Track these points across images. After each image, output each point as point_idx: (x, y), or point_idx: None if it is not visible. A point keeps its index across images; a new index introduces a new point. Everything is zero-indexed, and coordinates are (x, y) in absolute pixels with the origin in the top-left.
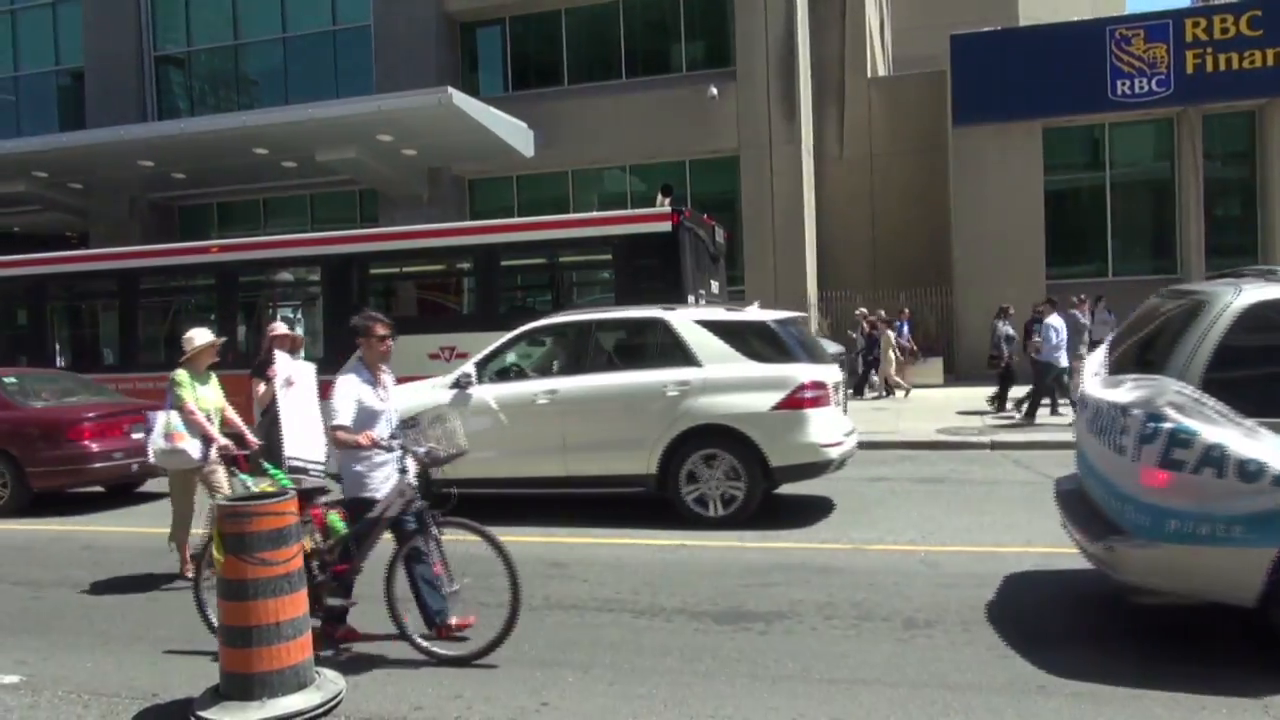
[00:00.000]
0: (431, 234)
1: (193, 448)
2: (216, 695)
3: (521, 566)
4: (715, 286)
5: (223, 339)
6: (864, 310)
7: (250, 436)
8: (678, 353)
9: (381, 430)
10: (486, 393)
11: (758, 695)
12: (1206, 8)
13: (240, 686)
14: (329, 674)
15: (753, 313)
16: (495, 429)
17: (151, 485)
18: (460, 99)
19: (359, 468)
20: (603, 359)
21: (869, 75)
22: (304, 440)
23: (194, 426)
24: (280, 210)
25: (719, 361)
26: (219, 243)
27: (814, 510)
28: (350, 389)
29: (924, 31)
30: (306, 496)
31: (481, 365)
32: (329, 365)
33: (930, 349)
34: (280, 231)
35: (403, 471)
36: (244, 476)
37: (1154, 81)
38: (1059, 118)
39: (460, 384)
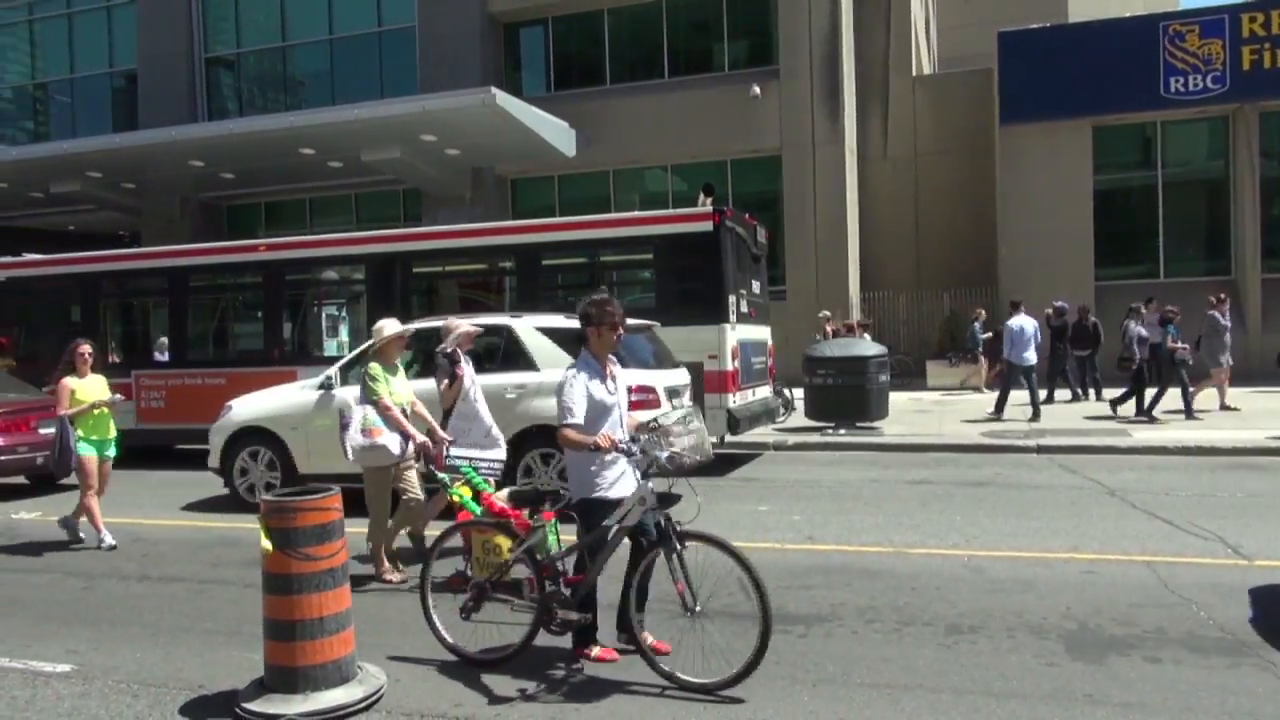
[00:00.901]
0: (474, 233)
1: (392, 443)
2: (261, 688)
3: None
4: (757, 286)
5: (410, 329)
6: (827, 313)
7: (441, 433)
8: (521, 358)
9: (614, 428)
10: (348, 394)
11: (797, 698)
12: (1264, 2)
13: (284, 679)
14: (371, 669)
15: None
16: None
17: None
18: (504, 99)
19: (591, 468)
20: None
21: (914, 74)
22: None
23: (391, 422)
24: (326, 210)
25: (555, 366)
26: (266, 241)
27: (855, 513)
28: (581, 385)
29: (970, 29)
30: (536, 500)
31: (346, 368)
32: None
33: (967, 352)
34: (326, 231)
35: (644, 477)
36: (443, 475)
37: (1209, 78)
38: (1109, 116)
39: (325, 385)
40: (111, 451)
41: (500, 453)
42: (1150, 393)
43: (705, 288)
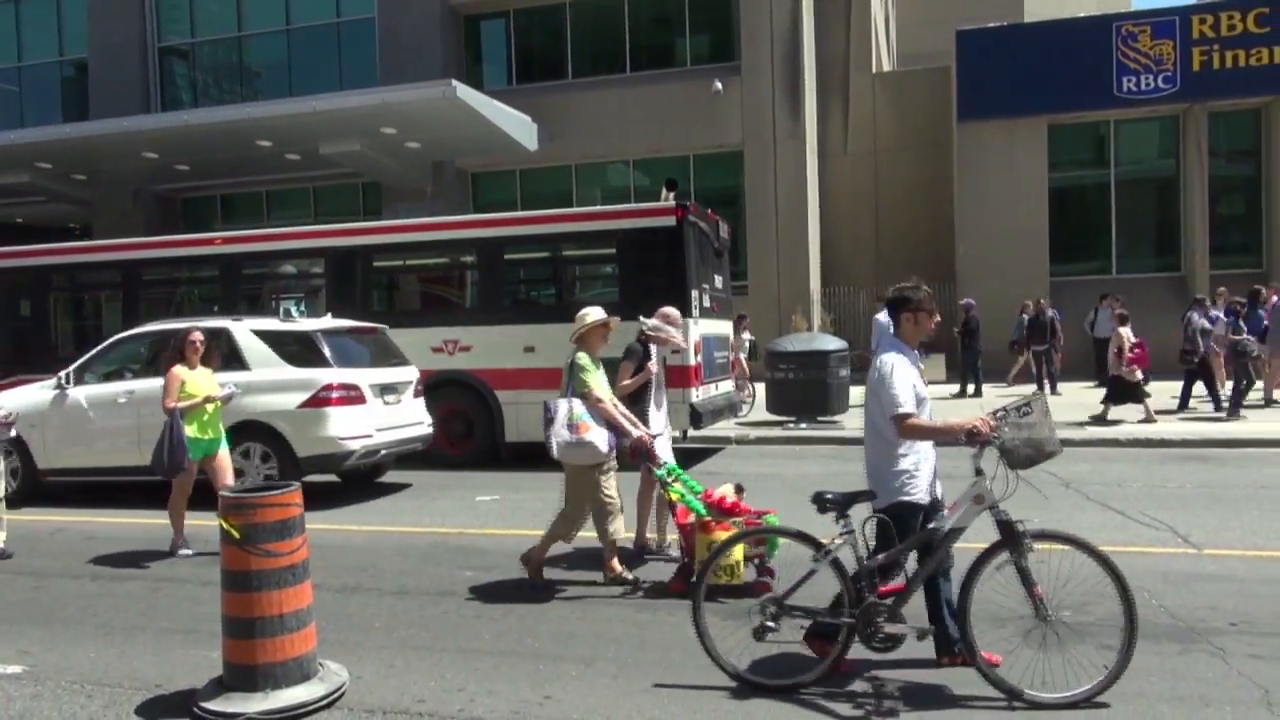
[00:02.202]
0: (435, 227)
1: (600, 440)
2: (220, 686)
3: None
4: (719, 281)
5: (615, 319)
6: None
7: (644, 429)
8: (235, 358)
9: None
10: (79, 393)
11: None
12: (1213, 4)
13: (243, 678)
14: (333, 666)
15: (307, 322)
16: (85, 424)
17: None
18: (464, 92)
19: (902, 469)
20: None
21: (874, 71)
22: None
23: (602, 416)
24: (283, 203)
25: (264, 366)
26: (223, 234)
27: (810, 507)
28: (903, 370)
29: (929, 27)
30: (844, 504)
31: (80, 369)
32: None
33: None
34: (283, 224)
35: (979, 472)
36: (660, 472)
37: (1160, 78)
38: (1064, 114)
39: (60, 385)
40: (224, 448)
41: (668, 444)
42: (1225, 387)
43: (667, 282)
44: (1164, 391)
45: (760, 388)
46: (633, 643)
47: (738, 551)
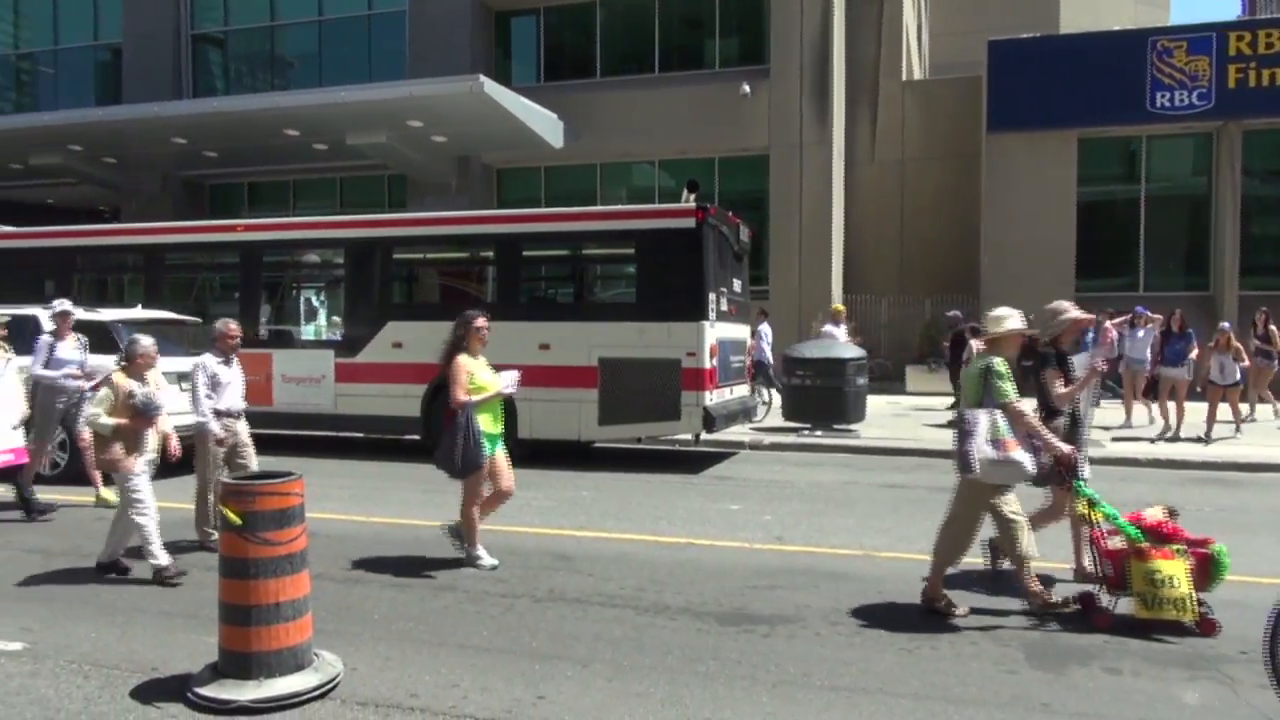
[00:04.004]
0: (456, 221)
1: (1026, 458)
2: (215, 672)
3: (525, 558)
4: (738, 285)
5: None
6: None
7: (1059, 444)
8: (115, 348)
9: None
10: None
11: (755, 699)
12: (1251, 21)
13: (238, 665)
14: (328, 656)
15: (109, 312)
16: None
17: None
18: (492, 87)
19: None
20: None
21: (904, 78)
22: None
23: (1024, 429)
24: (309, 192)
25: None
26: (244, 222)
27: (827, 515)
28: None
29: (961, 37)
30: None
31: None
32: (346, 349)
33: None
34: (308, 213)
35: None
36: (1089, 491)
37: (1194, 95)
38: (1095, 128)
39: None
40: (500, 445)
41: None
42: None
43: (685, 284)
44: (1193, 413)
45: (776, 394)
46: (631, 646)
47: (1185, 582)
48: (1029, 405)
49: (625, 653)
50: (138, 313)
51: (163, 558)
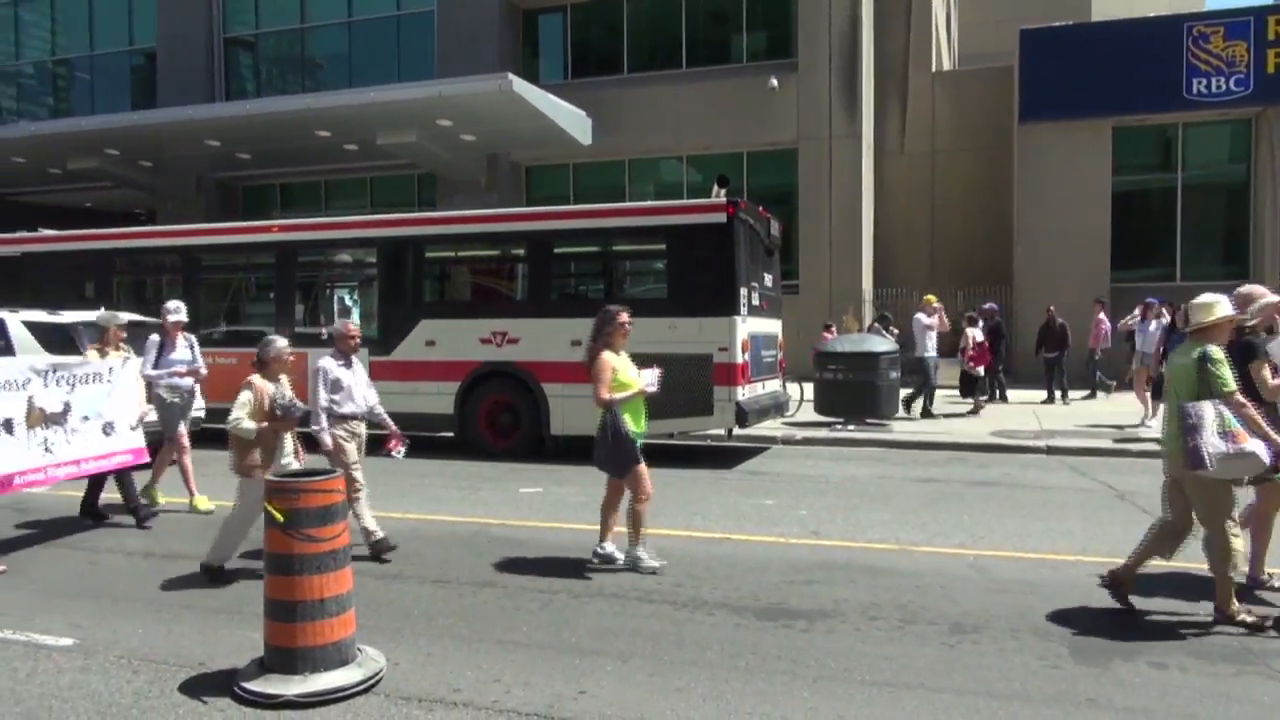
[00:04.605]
0: (486, 219)
1: (1261, 449)
2: (261, 667)
3: (563, 552)
4: (769, 279)
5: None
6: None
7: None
8: (8, 348)
9: None
10: None
11: (797, 694)
12: None
13: (283, 660)
14: (371, 652)
15: (70, 315)
16: None
17: None
18: (520, 85)
19: None
20: None
21: (933, 69)
22: None
23: (1246, 420)
24: (340, 192)
25: (29, 351)
26: (279, 223)
27: (862, 509)
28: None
29: (991, 26)
30: None
31: None
32: (380, 347)
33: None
34: (340, 213)
35: None
36: None
37: (1232, 81)
38: (1130, 116)
39: None
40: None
41: None
42: None
43: (716, 280)
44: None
45: (809, 387)
46: (670, 641)
47: None
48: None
49: (665, 648)
50: (100, 315)
51: (229, 556)
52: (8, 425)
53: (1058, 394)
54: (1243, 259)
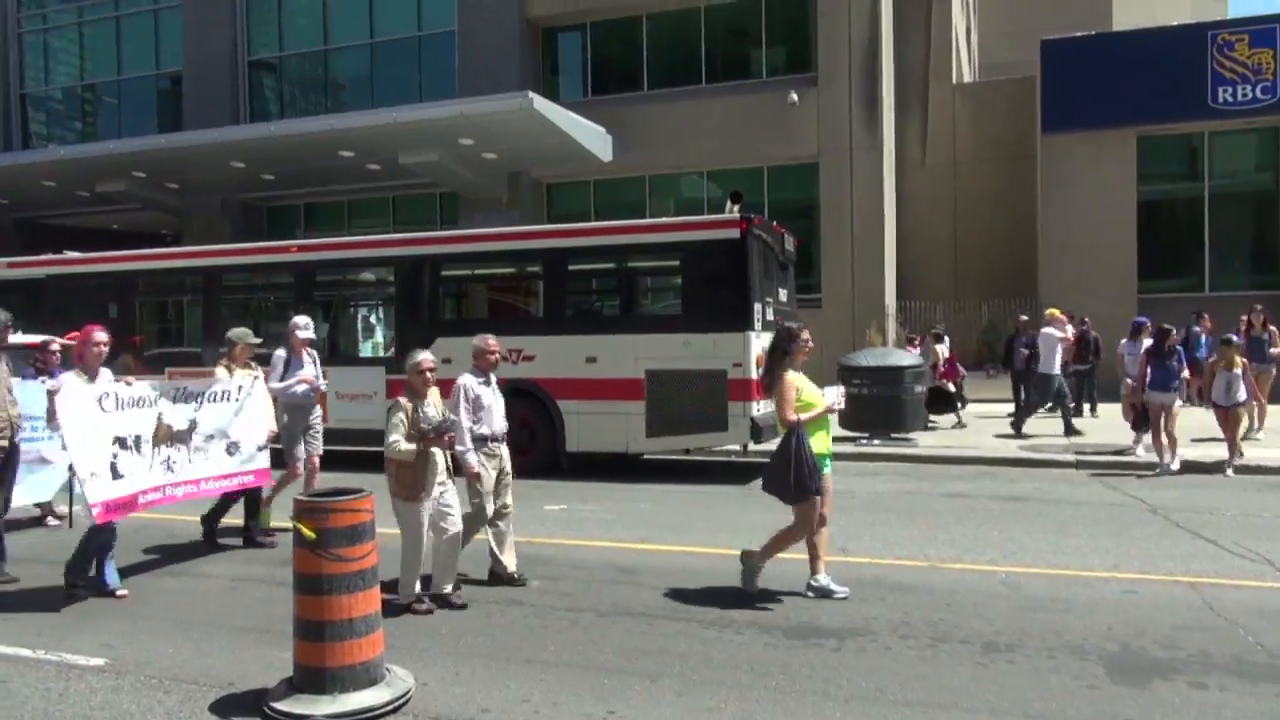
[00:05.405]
0: (501, 237)
1: None
2: (290, 687)
3: (589, 571)
4: (784, 294)
5: None
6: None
7: None
8: None
9: None
10: None
11: (828, 714)
12: None
13: (312, 680)
14: (399, 672)
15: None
16: None
17: None
18: (541, 104)
19: None
20: None
21: (954, 81)
22: None
23: None
24: (363, 212)
25: None
26: (298, 243)
27: (889, 525)
28: None
29: (1011, 38)
30: None
31: None
32: (396, 365)
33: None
34: (363, 232)
35: None
36: None
37: (1258, 88)
38: (1155, 126)
39: None
40: (829, 466)
41: None
42: None
43: (730, 295)
44: (1276, 414)
45: None
46: (698, 660)
47: None
48: None
49: (693, 667)
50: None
51: (414, 589)
52: (136, 443)
53: (1086, 407)
54: (1273, 268)
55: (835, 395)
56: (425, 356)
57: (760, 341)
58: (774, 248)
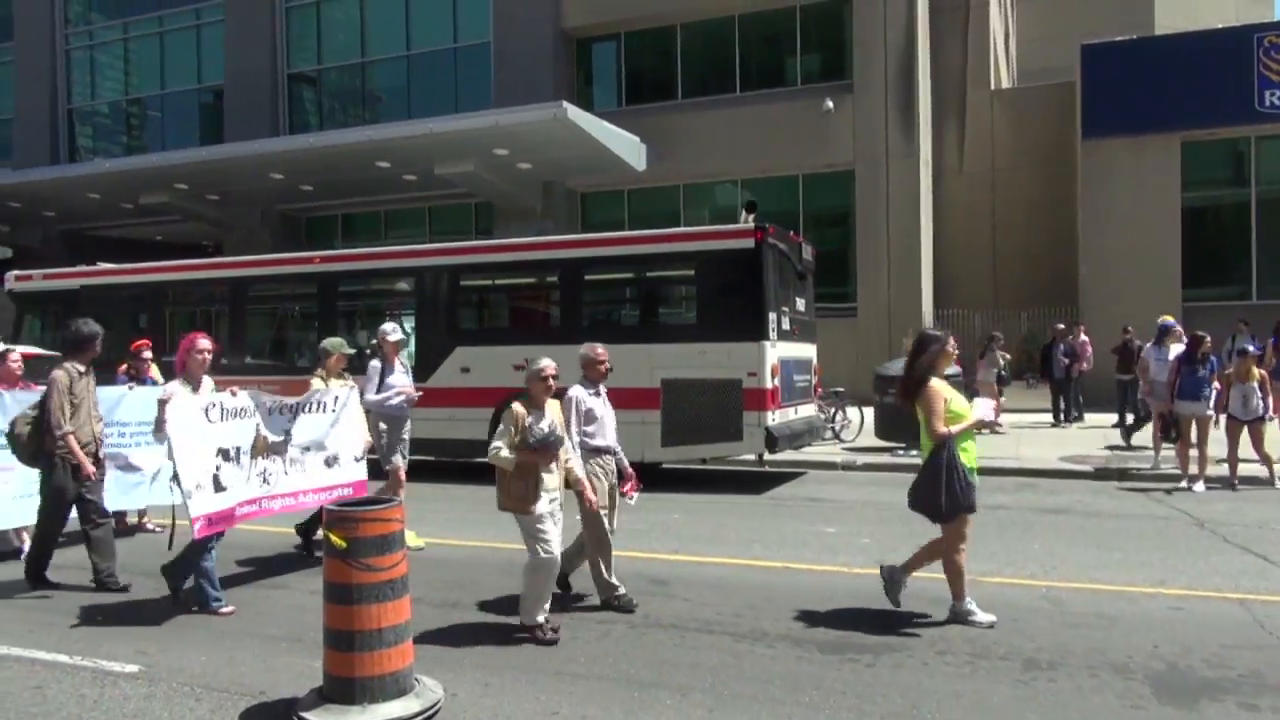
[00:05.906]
0: (517, 248)
1: None
2: (320, 697)
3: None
4: (802, 304)
5: None
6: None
7: None
8: None
9: None
10: None
11: None
12: None
13: (342, 690)
14: (429, 682)
15: None
16: None
17: None
18: (575, 113)
19: None
20: None
21: (992, 87)
22: None
23: None
24: (400, 222)
25: None
26: (320, 254)
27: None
28: None
29: (1050, 42)
30: None
31: None
32: (416, 374)
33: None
34: (399, 242)
35: None
36: None
37: None
38: (1199, 130)
39: None
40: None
41: None
42: None
43: (745, 305)
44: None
45: (869, 412)
46: (730, 673)
47: None
48: None
49: (725, 681)
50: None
51: (539, 614)
52: (236, 455)
53: (1129, 417)
54: None
55: (986, 408)
56: (547, 363)
57: (776, 351)
58: (791, 257)
